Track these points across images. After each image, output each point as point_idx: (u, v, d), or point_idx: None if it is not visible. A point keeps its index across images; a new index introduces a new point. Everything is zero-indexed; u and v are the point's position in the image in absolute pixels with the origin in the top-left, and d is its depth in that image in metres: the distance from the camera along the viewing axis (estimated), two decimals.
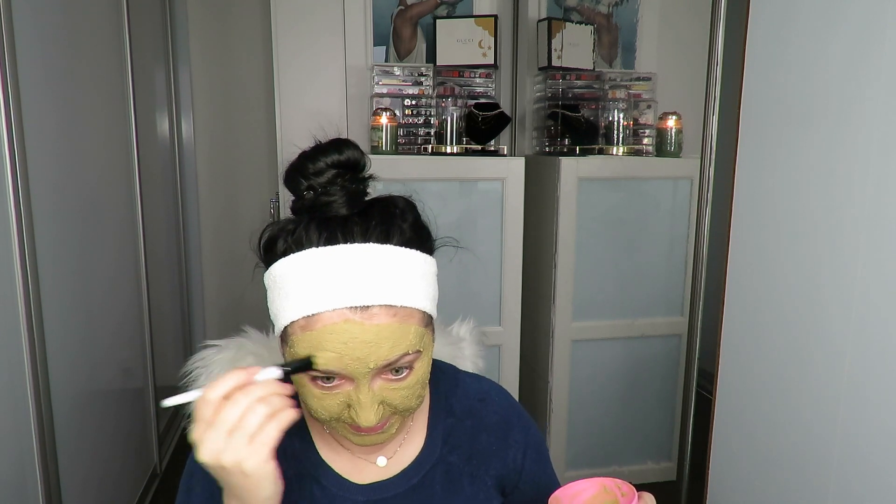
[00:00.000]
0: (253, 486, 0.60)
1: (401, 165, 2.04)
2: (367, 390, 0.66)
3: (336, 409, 0.67)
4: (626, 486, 0.68)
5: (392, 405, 0.68)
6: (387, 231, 0.66)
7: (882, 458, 1.04)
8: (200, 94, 3.02)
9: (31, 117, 1.37)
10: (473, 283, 2.12)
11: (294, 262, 0.65)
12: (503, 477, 0.83)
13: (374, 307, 0.64)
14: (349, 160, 0.68)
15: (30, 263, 1.33)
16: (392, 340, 0.64)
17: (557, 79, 2.32)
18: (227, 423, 0.58)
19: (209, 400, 0.59)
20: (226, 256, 3.15)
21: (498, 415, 0.85)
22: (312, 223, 0.65)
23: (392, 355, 0.65)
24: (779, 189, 1.27)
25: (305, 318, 0.64)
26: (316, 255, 0.64)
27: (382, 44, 2.48)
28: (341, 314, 0.63)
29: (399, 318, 0.65)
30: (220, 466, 0.59)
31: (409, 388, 0.68)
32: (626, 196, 2.22)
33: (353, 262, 0.64)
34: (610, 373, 2.32)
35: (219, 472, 0.60)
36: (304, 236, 0.65)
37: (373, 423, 0.66)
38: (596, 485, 0.70)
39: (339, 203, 0.66)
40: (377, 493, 0.78)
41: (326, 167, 0.67)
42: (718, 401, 1.46)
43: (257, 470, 0.59)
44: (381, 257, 0.65)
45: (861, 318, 1.08)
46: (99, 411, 1.83)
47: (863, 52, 1.06)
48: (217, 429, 0.59)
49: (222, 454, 0.58)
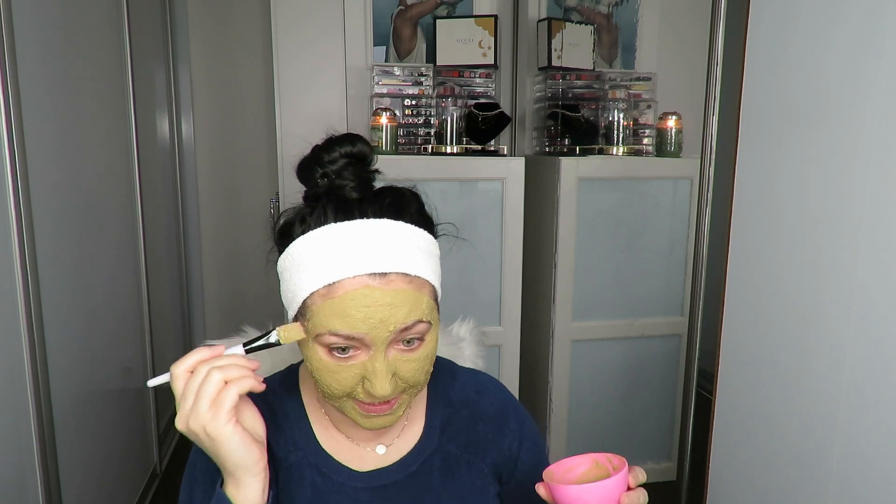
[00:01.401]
0: (220, 450, 0.65)
1: (401, 165, 2.04)
2: (382, 358, 0.68)
3: (350, 383, 0.69)
4: (618, 458, 0.70)
5: (404, 378, 0.71)
6: (398, 209, 0.71)
7: (882, 457, 1.04)
8: (200, 94, 3.02)
9: (31, 117, 1.37)
10: (473, 283, 2.12)
11: (313, 237, 0.69)
12: (499, 465, 0.86)
13: (391, 274, 0.68)
14: (360, 152, 0.72)
15: (30, 263, 1.33)
16: (409, 305, 0.68)
17: (557, 79, 2.32)
18: (191, 392, 0.64)
19: (175, 374, 0.66)
20: (226, 256, 3.15)
21: (494, 406, 0.87)
22: (329, 204, 0.70)
23: (409, 319, 0.68)
24: (779, 189, 1.27)
25: (326, 287, 0.68)
26: (334, 229, 0.69)
27: (382, 44, 2.48)
28: (361, 280, 0.67)
29: (414, 286, 0.69)
30: (190, 432, 0.65)
31: (419, 360, 0.71)
32: (626, 196, 2.22)
33: (369, 233, 0.68)
34: (610, 373, 2.32)
35: (193, 438, 0.66)
36: (321, 215, 0.70)
37: (388, 391, 0.68)
38: (588, 460, 0.72)
39: (352, 187, 0.70)
40: (376, 480, 0.80)
41: (340, 157, 0.71)
42: (718, 401, 1.46)
43: (219, 431, 0.64)
44: (395, 231, 0.70)
45: (861, 318, 1.08)
46: (99, 411, 1.83)
47: (863, 52, 1.06)
48: (185, 398, 0.65)
49: (189, 421, 0.64)
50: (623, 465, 0.68)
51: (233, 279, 3.16)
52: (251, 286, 3.11)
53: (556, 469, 0.71)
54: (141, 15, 2.38)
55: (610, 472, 0.70)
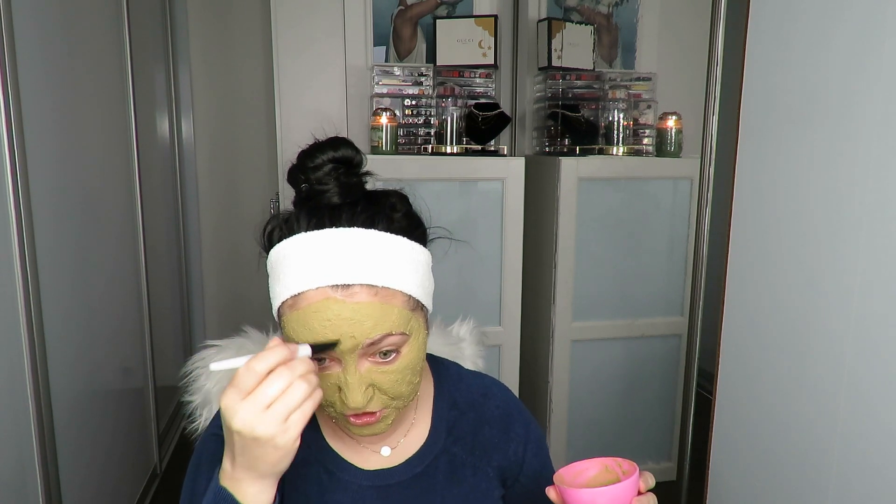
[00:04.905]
0: (278, 460, 0.62)
1: (401, 165, 2.04)
2: (353, 370, 0.67)
3: (328, 393, 0.69)
4: (627, 463, 0.70)
5: (382, 389, 0.70)
6: (371, 217, 0.69)
7: (882, 457, 1.04)
8: (200, 94, 3.02)
9: (31, 117, 1.37)
10: (473, 284, 2.12)
11: (285, 246, 0.69)
12: (504, 469, 0.85)
13: (354, 286, 0.66)
14: (343, 157, 0.71)
15: (30, 263, 1.33)
16: (374, 319, 0.66)
17: (557, 79, 2.32)
18: (267, 397, 0.59)
19: (255, 371, 0.60)
20: (226, 256, 3.15)
21: (500, 409, 0.87)
22: (303, 211, 0.70)
23: (374, 334, 0.66)
24: (779, 189, 1.27)
25: (293, 298, 0.68)
26: (304, 238, 0.68)
27: (382, 44, 2.48)
28: (323, 292, 0.66)
29: (380, 298, 0.67)
30: (252, 437, 0.60)
31: (398, 372, 0.70)
32: (626, 196, 2.22)
33: (336, 244, 0.67)
34: (610, 373, 2.32)
35: (249, 442, 0.61)
36: (295, 223, 0.69)
37: (360, 403, 0.68)
38: (597, 464, 0.73)
39: (332, 192, 0.69)
40: (382, 480, 0.80)
41: (323, 163, 0.70)
42: (718, 401, 1.46)
43: (288, 445, 0.61)
44: (364, 240, 0.68)
45: (861, 318, 1.08)
46: (99, 411, 1.83)
47: (863, 52, 1.06)
48: (256, 400, 0.59)
49: (258, 425, 0.59)
50: (634, 469, 0.68)
51: (233, 279, 3.16)
52: (251, 286, 3.11)
53: (566, 473, 0.72)
54: (141, 15, 2.38)
55: (619, 476, 0.70)
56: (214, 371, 0.63)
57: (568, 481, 0.71)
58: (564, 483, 0.70)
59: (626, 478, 0.67)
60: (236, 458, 0.63)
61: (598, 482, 0.71)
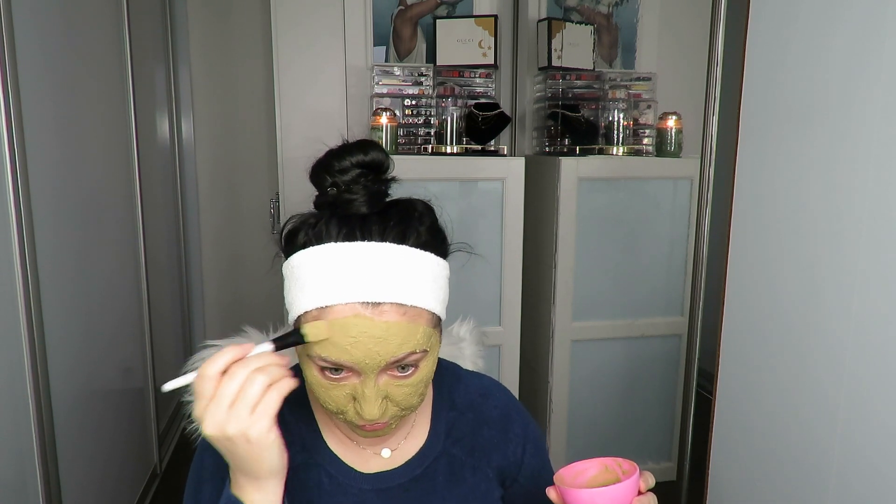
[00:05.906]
0: (258, 455, 0.62)
1: (401, 165, 2.01)
2: (372, 385, 0.67)
3: (342, 401, 0.69)
4: (627, 463, 0.70)
5: (395, 401, 0.70)
6: (403, 232, 0.68)
7: (882, 458, 1.04)
8: (200, 94, 3.02)
9: (31, 117, 1.37)
10: (473, 283, 2.12)
11: (312, 254, 0.67)
12: (503, 469, 0.86)
13: (384, 304, 0.66)
14: (373, 161, 0.70)
15: (30, 263, 1.33)
16: (400, 338, 0.66)
17: (557, 79, 2.32)
18: (228, 396, 0.60)
19: (208, 376, 0.61)
20: (226, 256, 3.15)
21: (498, 409, 0.87)
22: (333, 219, 0.68)
23: (400, 352, 0.66)
24: (779, 189, 1.27)
25: (318, 310, 0.66)
26: (334, 249, 0.66)
27: (382, 44, 2.48)
28: (353, 308, 0.65)
29: (408, 317, 0.67)
30: (225, 437, 0.60)
31: (412, 385, 0.70)
32: (626, 196, 2.22)
33: (368, 259, 0.66)
34: (610, 373, 2.32)
35: (224, 443, 0.61)
36: (324, 231, 0.67)
37: (376, 416, 0.68)
38: (598, 464, 0.73)
39: (360, 202, 0.68)
40: (382, 482, 0.80)
41: (351, 166, 0.69)
42: (718, 401, 1.46)
43: (261, 437, 0.61)
44: (396, 257, 0.67)
45: (861, 318, 1.08)
46: (99, 411, 1.83)
47: (863, 52, 1.06)
48: (219, 402, 0.60)
49: (226, 425, 0.60)
50: (634, 469, 0.68)
51: (233, 279, 3.16)
52: (251, 286, 3.11)
53: (566, 473, 0.72)
54: (141, 15, 2.38)
55: (619, 476, 0.70)
56: (166, 392, 0.64)
57: (568, 481, 0.71)
58: (564, 483, 0.70)
59: (627, 478, 0.67)
60: (231, 465, 0.64)
61: (598, 482, 0.71)
